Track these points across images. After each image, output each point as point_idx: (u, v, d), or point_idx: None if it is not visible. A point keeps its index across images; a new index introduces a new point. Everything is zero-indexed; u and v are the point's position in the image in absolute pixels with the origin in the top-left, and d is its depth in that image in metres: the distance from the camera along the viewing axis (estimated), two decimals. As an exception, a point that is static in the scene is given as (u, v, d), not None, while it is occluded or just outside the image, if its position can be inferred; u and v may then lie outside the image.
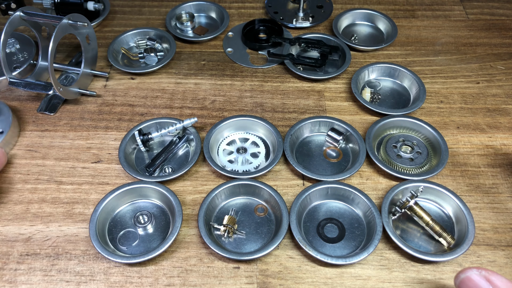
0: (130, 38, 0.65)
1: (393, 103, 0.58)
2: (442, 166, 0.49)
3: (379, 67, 0.60)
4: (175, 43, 0.63)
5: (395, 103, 0.58)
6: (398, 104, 0.58)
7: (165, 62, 0.61)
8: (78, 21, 0.54)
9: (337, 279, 0.43)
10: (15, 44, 0.62)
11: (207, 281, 0.43)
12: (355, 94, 0.56)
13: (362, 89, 0.59)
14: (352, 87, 0.57)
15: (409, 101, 0.58)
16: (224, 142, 0.53)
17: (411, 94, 0.59)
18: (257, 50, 0.64)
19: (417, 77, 0.58)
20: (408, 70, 0.59)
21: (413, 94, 0.58)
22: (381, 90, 0.59)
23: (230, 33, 0.67)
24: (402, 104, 0.58)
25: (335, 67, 0.62)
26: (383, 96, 0.59)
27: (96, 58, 0.61)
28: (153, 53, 0.63)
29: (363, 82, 0.60)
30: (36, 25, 0.57)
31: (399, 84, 0.60)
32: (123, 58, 0.64)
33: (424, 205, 0.47)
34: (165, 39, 0.65)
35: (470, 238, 0.43)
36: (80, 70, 0.59)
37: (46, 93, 0.57)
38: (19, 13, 0.53)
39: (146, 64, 0.62)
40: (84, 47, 0.58)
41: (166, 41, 0.64)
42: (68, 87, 0.56)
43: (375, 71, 0.60)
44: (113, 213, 0.48)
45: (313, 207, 0.48)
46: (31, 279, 0.43)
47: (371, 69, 0.60)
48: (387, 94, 0.59)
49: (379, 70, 0.60)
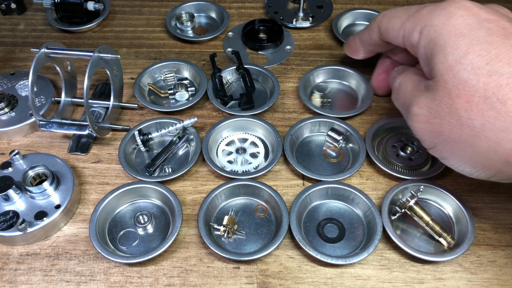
0: (157, 70, 0.60)
1: (342, 105, 0.58)
2: (443, 166, 0.49)
3: (324, 70, 0.59)
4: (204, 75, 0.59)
5: (344, 105, 0.58)
6: (348, 106, 0.57)
7: (199, 97, 0.56)
8: (108, 53, 0.51)
9: (337, 279, 0.43)
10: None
11: (207, 281, 0.43)
12: (304, 102, 0.55)
13: (311, 94, 0.58)
14: (300, 94, 0.56)
15: (358, 101, 0.58)
16: (223, 143, 0.53)
17: (359, 94, 0.59)
18: (257, 50, 0.64)
19: (362, 76, 0.58)
20: (353, 69, 0.59)
21: (361, 94, 0.58)
22: (329, 92, 0.59)
23: (230, 33, 0.67)
24: (351, 105, 0.57)
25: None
26: (332, 99, 0.58)
27: (122, 88, 0.57)
28: (184, 89, 0.58)
29: (310, 87, 0.59)
30: (59, 60, 0.53)
31: (347, 85, 0.60)
32: (150, 93, 0.59)
33: (424, 205, 0.47)
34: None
35: (470, 238, 0.43)
36: (109, 103, 0.55)
37: (79, 133, 0.52)
38: (44, 49, 0.50)
39: (176, 101, 0.58)
40: (112, 79, 0.54)
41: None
42: (100, 124, 0.52)
43: (321, 74, 0.60)
44: (113, 213, 0.48)
45: (313, 207, 0.48)
46: (31, 279, 0.43)
47: (316, 73, 0.59)
48: (336, 96, 0.59)
49: (324, 73, 0.60)
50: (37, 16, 0.70)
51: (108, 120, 0.54)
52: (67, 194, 0.47)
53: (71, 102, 0.56)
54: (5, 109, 0.54)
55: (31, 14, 0.71)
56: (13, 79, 0.58)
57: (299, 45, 0.65)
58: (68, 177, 0.48)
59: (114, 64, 0.54)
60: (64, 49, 0.51)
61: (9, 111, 0.55)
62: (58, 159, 0.50)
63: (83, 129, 0.52)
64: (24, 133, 0.55)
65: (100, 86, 0.59)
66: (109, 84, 0.56)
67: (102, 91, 0.59)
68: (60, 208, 0.46)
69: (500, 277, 0.43)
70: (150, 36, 0.67)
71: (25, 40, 0.67)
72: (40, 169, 0.47)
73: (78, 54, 0.51)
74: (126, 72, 0.61)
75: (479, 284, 0.43)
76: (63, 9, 0.66)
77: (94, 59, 0.49)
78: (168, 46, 0.66)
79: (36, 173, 0.47)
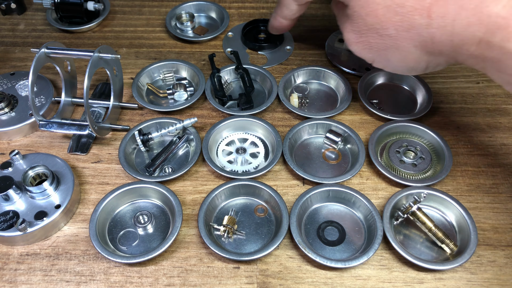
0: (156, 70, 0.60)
1: (321, 105, 0.58)
2: (446, 173, 0.49)
3: (304, 70, 0.60)
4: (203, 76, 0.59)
5: (323, 105, 0.58)
6: (327, 106, 0.58)
7: (197, 97, 0.56)
8: (108, 53, 0.51)
9: (337, 279, 0.43)
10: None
11: (207, 281, 0.43)
12: (283, 102, 0.56)
13: (290, 94, 0.58)
14: (280, 94, 0.56)
15: (337, 101, 0.58)
16: (223, 143, 0.53)
17: (338, 94, 0.59)
18: (256, 50, 0.64)
19: (342, 77, 0.58)
20: (332, 70, 0.59)
21: (340, 94, 0.58)
22: (309, 93, 0.59)
23: (230, 33, 0.67)
24: (330, 105, 0.58)
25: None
26: (311, 99, 0.58)
27: (122, 89, 0.57)
28: (183, 89, 0.57)
29: (291, 87, 0.60)
30: (59, 60, 0.53)
31: (326, 85, 0.60)
32: (148, 93, 0.59)
33: (427, 212, 0.46)
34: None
35: (472, 248, 0.43)
36: (109, 103, 0.54)
37: (79, 133, 0.52)
38: (44, 50, 0.50)
39: (175, 101, 0.58)
40: (112, 79, 0.54)
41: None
42: (100, 124, 0.52)
43: (301, 75, 0.60)
44: (113, 213, 0.48)
45: (313, 209, 0.48)
46: (31, 279, 0.43)
47: (297, 73, 0.60)
48: (315, 96, 0.59)
49: (305, 74, 0.60)
50: (37, 16, 0.70)
51: (108, 120, 0.54)
52: (67, 194, 0.47)
53: (71, 102, 0.56)
54: (5, 109, 0.54)
55: (31, 14, 0.71)
56: (13, 79, 0.58)
57: (299, 45, 0.65)
58: (68, 177, 0.48)
59: (114, 64, 0.54)
60: (64, 49, 0.51)
61: (9, 111, 0.55)
62: (58, 159, 0.50)
63: (83, 129, 0.52)
64: (24, 133, 0.55)
65: (100, 86, 0.59)
66: (109, 84, 0.56)
67: (102, 91, 0.59)
68: (60, 208, 0.46)
69: (500, 277, 0.43)
70: (150, 36, 0.67)
71: (25, 40, 0.67)
72: (40, 169, 0.47)
73: (78, 54, 0.51)
74: (126, 72, 0.61)
75: (479, 284, 0.43)
76: (63, 9, 0.66)
77: (94, 59, 0.49)
78: (168, 46, 0.66)
79: (36, 173, 0.47)
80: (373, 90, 0.59)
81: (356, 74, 0.60)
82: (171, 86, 0.58)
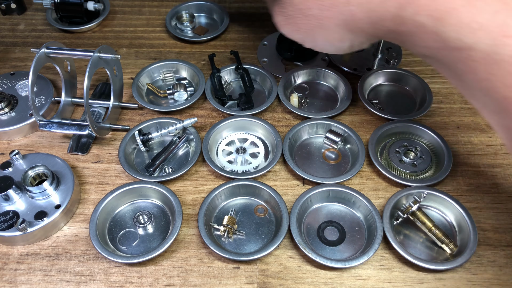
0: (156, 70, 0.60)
1: (321, 105, 0.58)
2: (446, 173, 0.49)
3: (304, 71, 0.60)
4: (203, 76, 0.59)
5: (323, 105, 0.58)
6: (327, 106, 0.58)
7: (197, 98, 0.56)
8: (108, 53, 0.51)
9: (337, 279, 0.43)
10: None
11: (207, 281, 0.43)
12: (283, 102, 0.56)
13: (290, 94, 0.58)
14: (280, 94, 0.56)
15: (337, 101, 0.58)
16: (223, 143, 0.53)
17: (338, 94, 0.59)
18: (291, 60, 0.62)
19: (342, 77, 0.58)
20: (332, 70, 0.59)
21: (340, 94, 0.58)
22: (309, 93, 0.59)
23: (265, 42, 0.65)
24: (330, 105, 0.58)
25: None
26: (311, 99, 0.58)
27: (122, 88, 0.57)
28: (183, 89, 0.57)
29: (291, 87, 0.60)
30: (59, 60, 0.53)
31: (326, 86, 0.60)
32: (148, 93, 0.59)
33: (427, 212, 0.47)
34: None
35: (472, 248, 0.43)
36: (109, 103, 0.54)
37: (79, 133, 0.52)
38: (44, 50, 0.50)
39: (175, 101, 0.58)
40: (112, 79, 0.54)
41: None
42: (100, 124, 0.52)
43: (301, 75, 0.60)
44: (113, 213, 0.48)
45: (313, 209, 0.48)
46: (31, 279, 0.43)
47: (297, 73, 0.60)
48: (315, 96, 0.59)
49: (305, 74, 0.60)
50: (37, 16, 0.70)
51: (108, 120, 0.54)
52: (67, 194, 0.47)
53: (71, 102, 0.56)
54: (5, 109, 0.54)
55: (31, 14, 0.71)
56: (13, 79, 0.58)
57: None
58: (68, 177, 0.48)
59: (114, 64, 0.54)
60: (64, 49, 0.51)
61: (9, 111, 0.55)
62: (58, 159, 0.50)
63: (83, 129, 0.52)
64: (24, 133, 0.55)
65: (100, 86, 0.59)
66: (109, 84, 0.56)
67: (102, 91, 0.59)
68: (60, 208, 0.46)
69: (500, 277, 0.43)
70: (150, 36, 0.67)
71: (25, 40, 0.67)
72: (40, 169, 0.47)
73: (78, 54, 0.51)
74: (126, 72, 0.61)
75: (479, 284, 0.43)
76: (63, 9, 0.66)
77: (94, 59, 0.49)
78: (168, 46, 0.66)
79: (36, 173, 0.47)
80: (373, 90, 0.60)
81: (356, 74, 0.60)
82: (171, 86, 0.58)
